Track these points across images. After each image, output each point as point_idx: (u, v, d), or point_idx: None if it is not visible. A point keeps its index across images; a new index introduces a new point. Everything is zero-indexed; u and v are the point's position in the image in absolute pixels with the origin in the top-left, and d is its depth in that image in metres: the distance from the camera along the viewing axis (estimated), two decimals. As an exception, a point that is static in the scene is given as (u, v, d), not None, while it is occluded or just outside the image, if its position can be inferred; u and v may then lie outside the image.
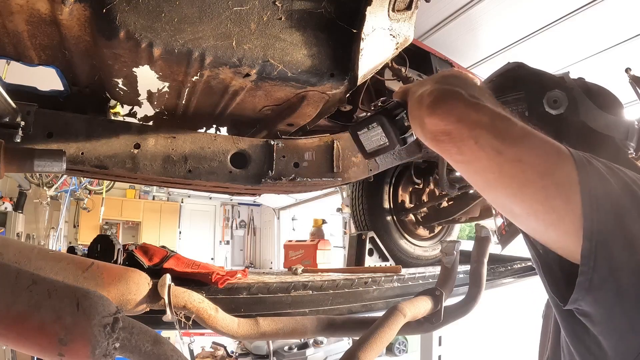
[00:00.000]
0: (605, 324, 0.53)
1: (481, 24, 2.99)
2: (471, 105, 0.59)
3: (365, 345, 1.02)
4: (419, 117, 0.65)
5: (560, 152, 0.54)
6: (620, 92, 0.90)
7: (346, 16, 1.16)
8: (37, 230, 7.29)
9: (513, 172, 0.54)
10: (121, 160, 1.25)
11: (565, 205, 0.51)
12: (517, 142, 0.55)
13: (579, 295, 0.53)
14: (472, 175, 0.61)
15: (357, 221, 2.40)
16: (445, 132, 0.59)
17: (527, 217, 0.56)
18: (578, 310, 0.56)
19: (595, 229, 0.50)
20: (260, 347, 4.77)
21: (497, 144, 0.55)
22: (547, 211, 0.53)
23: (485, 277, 1.51)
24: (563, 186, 0.52)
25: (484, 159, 0.56)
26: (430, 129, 0.62)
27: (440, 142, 0.61)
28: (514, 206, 0.57)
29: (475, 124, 0.57)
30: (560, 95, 0.81)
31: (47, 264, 0.82)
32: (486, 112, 0.58)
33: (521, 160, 0.54)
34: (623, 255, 0.49)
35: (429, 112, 0.62)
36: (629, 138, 0.80)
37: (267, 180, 1.40)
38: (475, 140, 0.56)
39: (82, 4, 0.91)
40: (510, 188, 0.55)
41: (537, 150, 0.54)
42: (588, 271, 0.50)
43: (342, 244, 7.11)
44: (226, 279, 1.19)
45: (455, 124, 0.58)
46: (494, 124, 0.56)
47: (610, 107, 0.82)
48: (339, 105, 1.35)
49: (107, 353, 0.54)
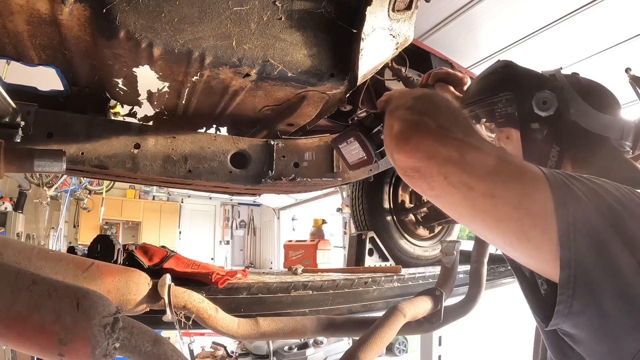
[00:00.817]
0: (588, 345, 0.53)
1: (481, 24, 2.99)
2: (439, 140, 0.57)
3: (365, 345, 1.02)
4: (389, 149, 0.64)
5: (534, 181, 0.52)
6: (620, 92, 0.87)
7: (346, 16, 1.16)
8: (37, 230, 7.29)
9: (485, 207, 0.53)
10: (121, 160, 1.25)
11: (542, 235, 0.50)
12: (489, 176, 0.53)
13: (559, 321, 0.53)
14: (446, 208, 0.60)
15: (357, 221, 2.40)
16: (414, 169, 0.58)
17: (505, 247, 0.55)
18: (560, 330, 0.56)
19: (573, 257, 0.49)
20: (260, 347, 4.77)
21: (468, 179, 0.53)
22: (523, 243, 0.52)
23: (485, 277, 1.51)
24: (538, 217, 0.50)
25: (455, 194, 0.55)
26: (399, 165, 0.61)
27: (411, 178, 0.60)
28: (491, 237, 0.56)
29: (444, 160, 0.55)
30: (549, 96, 0.78)
31: (47, 264, 0.82)
32: (456, 145, 0.56)
33: (493, 194, 0.52)
34: (604, 280, 0.49)
35: (397, 148, 0.60)
36: (624, 137, 0.76)
37: (267, 180, 1.40)
38: (444, 177, 0.55)
39: (82, 4, 0.91)
40: (484, 221, 0.55)
41: (510, 182, 0.53)
42: (567, 299, 0.50)
43: (342, 244, 7.10)
44: (226, 279, 1.19)
45: (424, 160, 0.57)
46: (463, 158, 0.54)
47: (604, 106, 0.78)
48: (339, 105, 1.35)
49: (107, 353, 0.54)
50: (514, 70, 0.85)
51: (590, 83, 0.82)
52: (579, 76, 0.83)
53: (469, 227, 0.60)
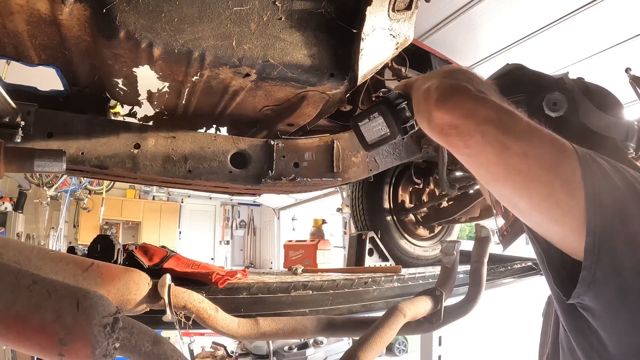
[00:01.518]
0: (606, 319, 0.54)
1: (481, 24, 2.99)
2: (478, 100, 0.60)
3: (365, 345, 1.02)
4: (427, 110, 0.66)
5: (565, 148, 0.55)
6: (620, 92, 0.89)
7: (346, 16, 1.16)
8: (37, 230, 7.29)
9: (519, 167, 0.55)
10: (121, 160, 1.25)
11: (569, 200, 0.52)
12: (523, 137, 0.56)
13: (582, 290, 0.54)
14: (479, 168, 0.62)
15: (357, 221, 2.40)
16: (453, 126, 0.60)
17: (531, 211, 0.57)
18: (580, 304, 0.56)
19: (598, 224, 0.50)
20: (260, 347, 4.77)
21: (504, 138, 0.56)
22: (551, 206, 0.54)
23: (485, 277, 1.51)
24: (567, 182, 0.52)
25: (491, 153, 0.57)
26: (437, 122, 0.63)
27: (447, 136, 0.62)
28: (519, 200, 0.57)
29: (483, 119, 0.58)
30: (559, 98, 0.81)
31: (47, 264, 0.82)
32: (493, 107, 0.59)
33: (527, 154, 0.54)
34: (626, 252, 0.50)
35: (436, 106, 0.62)
36: (628, 139, 0.79)
37: (267, 180, 1.40)
38: (482, 135, 0.57)
39: (82, 4, 0.91)
40: (515, 182, 0.56)
41: (542, 146, 0.55)
42: (591, 266, 0.51)
43: (342, 244, 7.11)
44: (226, 279, 1.19)
45: (463, 118, 0.59)
46: (500, 119, 0.57)
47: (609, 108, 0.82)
48: (339, 105, 1.35)
49: (107, 353, 0.54)
50: (524, 72, 0.89)
51: (596, 87, 0.86)
52: (585, 80, 0.87)
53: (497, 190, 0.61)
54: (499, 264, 2.18)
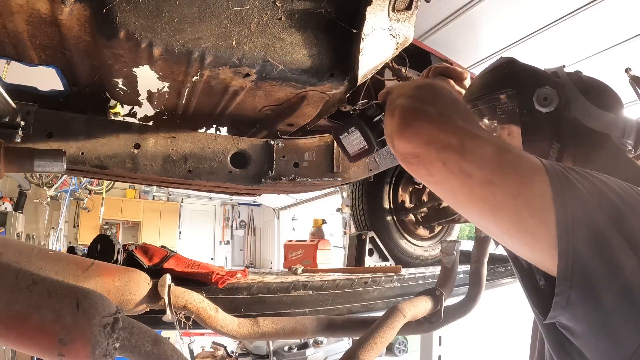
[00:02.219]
0: (586, 338, 0.53)
1: (481, 24, 2.99)
2: (439, 126, 0.57)
3: (365, 345, 1.02)
4: (389, 136, 0.64)
5: (534, 170, 0.52)
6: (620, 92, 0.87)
7: (346, 16, 1.16)
8: (37, 230, 7.29)
9: (483, 195, 0.53)
10: (121, 160, 1.25)
11: (539, 225, 0.50)
12: (487, 164, 0.53)
13: (557, 313, 0.53)
14: (444, 195, 0.60)
15: (357, 221, 2.40)
16: (414, 155, 0.58)
17: (502, 236, 0.55)
18: (559, 323, 0.56)
19: (570, 248, 0.48)
20: (260, 347, 4.77)
21: (466, 166, 0.53)
22: (520, 232, 0.52)
23: (485, 277, 1.51)
24: (536, 206, 0.50)
25: (454, 181, 0.55)
26: (399, 150, 0.61)
27: (409, 164, 0.60)
28: (488, 225, 0.56)
29: (444, 147, 0.55)
30: (550, 92, 0.77)
31: (47, 264, 0.82)
32: (455, 132, 0.56)
33: (491, 182, 0.52)
34: (602, 272, 0.48)
35: (397, 134, 0.60)
36: (626, 135, 0.76)
37: (267, 180, 1.40)
38: (443, 163, 0.55)
39: (82, 4, 0.91)
40: (482, 209, 0.54)
41: (508, 170, 0.53)
42: (565, 291, 0.50)
43: (342, 244, 7.11)
44: (226, 279, 1.19)
45: (423, 146, 0.57)
46: (462, 145, 0.54)
47: (607, 104, 0.78)
48: (339, 105, 1.35)
49: (107, 353, 0.54)
50: (516, 66, 0.85)
51: (593, 81, 0.82)
52: (581, 74, 0.83)
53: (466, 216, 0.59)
54: (499, 264, 2.18)
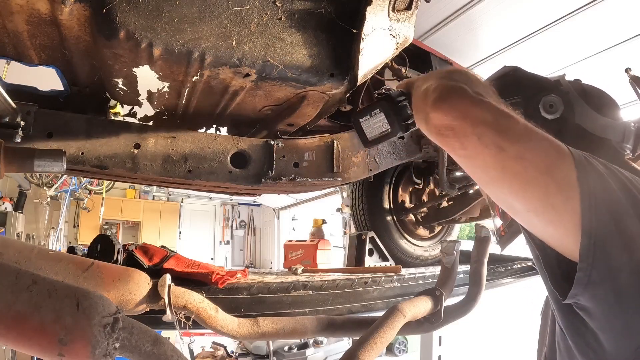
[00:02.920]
0: (603, 319, 0.54)
1: (481, 24, 2.99)
2: (475, 102, 0.60)
3: (365, 345, 1.02)
4: (424, 111, 0.66)
5: (560, 151, 0.55)
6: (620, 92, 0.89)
7: (346, 16, 1.16)
8: (37, 230, 7.29)
9: (515, 169, 0.55)
10: (121, 160, 1.25)
11: (565, 203, 0.52)
12: (520, 140, 0.56)
13: (578, 291, 0.54)
14: (475, 170, 0.62)
15: (357, 221, 2.40)
16: (450, 127, 0.60)
17: (527, 213, 0.57)
18: (577, 304, 0.57)
19: (593, 226, 0.50)
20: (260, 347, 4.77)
21: (500, 141, 0.56)
22: (547, 209, 0.54)
23: (485, 277, 1.51)
24: (563, 184, 0.53)
25: (487, 155, 0.57)
26: (434, 123, 0.63)
27: (444, 137, 0.62)
28: (515, 202, 0.58)
29: (479, 121, 0.58)
30: (556, 100, 0.81)
31: (47, 264, 0.82)
32: (490, 109, 0.59)
33: (523, 157, 0.54)
34: (621, 253, 0.50)
35: (434, 107, 0.63)
36: (625, 140, 0.80)
37: (267, 180, 1.40)
38: (478, 137, 0.57)
39: (82, 4, 0.91)
40: (511, 184, 0.56)
41: (538, 148, 0.55)
42: (587, 267, 0.51)
43: (342, 244, 7.11)
44: (226, 279, 1.19)
45: (459, 119, 0.59)
46: (497, 121, 0.57)
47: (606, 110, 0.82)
48: (339, 105, 1.35)
49: (107, 353, 0.54)
50: (521, 75, 0.89)
51: (592, 88, 0.86)
52: (581, 82, 0.87)
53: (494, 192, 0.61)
54: (499, 264, 2.18)
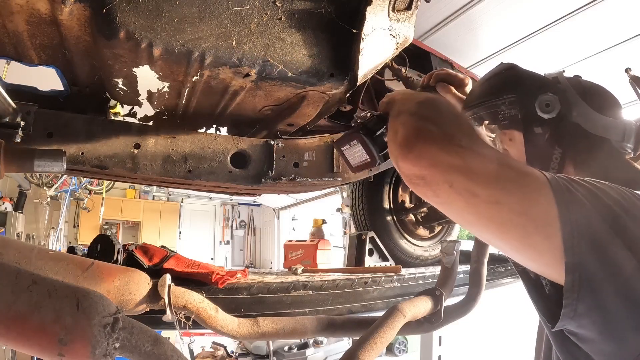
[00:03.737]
0: (593, 342, 0.54)
1: (481, 24, 2.99)
2: (443, 147, 0.57)
3: (365, 345, 1.02)
4: (394, 156, 0.64)
5: (538, 185, 0.53)
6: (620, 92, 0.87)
7: (346, 16, 1.16)
8: (37, 230, 7.29)
9: (490, 214, 0.54)
10: (121, 160, 1.25)
11: (545, 241, 0.51)
12: (493, 183, 0.54)
13: (565, 322, 0.54)
14: (451, 215, 0.60)
15: (357, 221, 2.40)
16: (419, 177, 0.59)
17: (510, 251, 0.57)
18: (567, 330, 0.57)
19: (577, 261, 0.50)
20: (260, 347, 4.77)
21: (472, 186, 0.54)
22: (526, 248, 0.53)
23: (485, 277, 1.51)
24: (542, 223, 0.51)
25: (460, 202, 0.56)
26: (404, 172, 0.61)
27: (415, 185, 0.61)
28: (495, 242, 0.57)
29: (449, 168, 0.56)
30: (552, 99, 0.78)
31: (47, 264, 0.82)
32: (460, 153, 0.56)
33: (498, 202, 0.53)
34: (606, 282, 0.50)
35: (401, 156, 0.61)
36: (625, 139, 0.76)
37: (267, 180, 1.40)
38: (449, 185, 0.55)
39: (82, 4, 0.91)
40: (488, 227, 0.56)
41: (513, 189, 0.53)
42: (572, 303, 0.51)
43: (342, 244, 7.11)
44: (226, 279, 1.19)
45: (429, 168, 0.57)
46: (467, 165, 0.55)
47: (606, 108, 0.79)
48: (339, 105, 1.35)
49: (107, 353, 0.54)
50: (517, 72, 0.86)
51: (592, 85, 0.83)
52: (581, 79, 0.84)
53: (473, 233, 0.61)
54: (499, 264, 2.18)
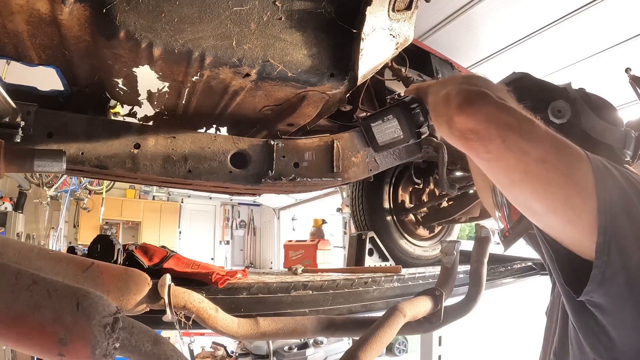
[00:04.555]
0: (615, 314, 0.57)
1: (481, 24, 2.99)
2: (500, 107, 0.62)
3: (365, 345, 1.02)
4: (447, 115, 0.68)
5: (579, 155, 0.58)
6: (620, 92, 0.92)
7: (346, 16, 1.16)
8: (37, 230, 7.30)
9: (538, 172, 0.58)
10: (121, 160, 1.25)
11: (583, 203, 0.55)
12: (542, 144, 0.59)
13: (592, 287, 0.56)
14: (498, 173, 0.64)
15: (357, 221, 2.40)
16: (474, 131, 0.62)
17: (546, 214, 0.60)
18: (589, 301, 0.59)
19: (609, 225, 0.54)
20: (260, 347, 4.78)
21: (524, 144, 0.58)
22: (567, 209, 0.57)
23: (485, 277, 1.51)
24: (581, 186, 0.56)
25: (511, 158, 0.59)
26: (459, 127, 0.65)
27: (468, 140, 0.64)
28: (536, 203, 0.60)
29: (504, 125, 0.60)
30: (564, 106, 0.85)
31: (47, 264, 0.82)
32: (514, 113, 0.61)
33: (545, 160, 0.57)
34: (633, 249, 0.53)
35: (458, 111, 0.65)
36: (626, 146, 0.85)
37: (267, 180, 1.40)
38: (502, 140, 0.59)
39: (82, 4, 0.91)
40: (533, 186, 0.59)
41: (559, 153, 0.59)
42: (601, 264, 0.54)
43: (342, 244, 7.11)
44: (226, 279, 1.19)
45: (484, 123, 0.61)
46: (520, 125, 0.60)
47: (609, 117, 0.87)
48: (339, 105, 1.35)
49: (107, 353, 0.54)
50: (530, 80, 0.94)
51: (596, 97, 0.91)
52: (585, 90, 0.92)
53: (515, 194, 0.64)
54: (499, 264, 2.18)
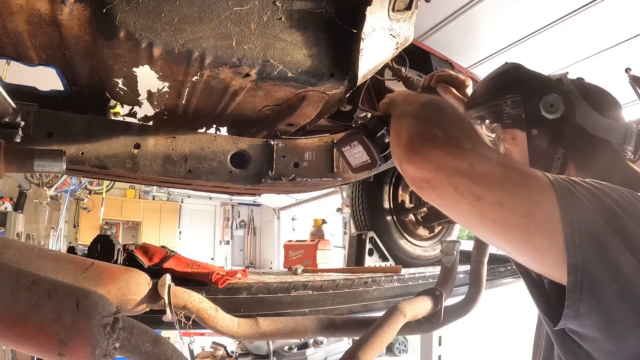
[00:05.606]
0: (594, 343, 0.55)
1: (481, 24, 2.99)
2: (448, 151, 0.58)
3: (365, 345, 1.02)
4: (397, 158, 0.65)
5: (541, 187, 0.54)
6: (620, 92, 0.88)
7: (346, 16, 1.16)
8: (37, 230, 7.29)
9: (494, 216, 0.54)
10: (121, 160, 1.25)
11: (547, 242, 0.52)
12: (497, 186, 0.54)
13: (567, 322, 0.55)
14: (456, 217, 0.61)
15: (357, 221, 2.40)
16: (424, 180, 0.59)
17: (512, 253, 0.57)
18: (568, 328, 0.57)
19: (579, 262, 0.50)
20: (260, 347, 4.78)
21: (477, 189, 0.55)
22: (529, 249, 0.54)
23: (485, 277, 1.51)
24: (545, 225, 0.52)
25: (464, 205, 0.56)
26: (409, 175, 0.62)
27: (420, 188, 0.61)
28: (499, 244, 0.58)
29: (453, 172, 0.56)
30: (556, 100, 0.79)
31: (47, 264, 0.82)
32: (464, 156, 0.57)
33: (502, 204, 0.53)
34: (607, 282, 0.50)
35: (406, 160, 0.61)
36: (626, 142, 0.78)
37: (267, 180, 1.40)
38: (454, 188, 0.56)
39: (82, 4, 0.91)
40: (491, 230, 0.56)
41: (517, 191, 0.54)
42: (574, 303, 0.52)
43: (342, 244, 7.12)
44: (226, 279, 1.19)
45: (433, 172, 0.58)
46: (472, 169, 0.56)
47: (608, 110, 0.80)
48: (339, 105, 1.35)
49: (107, 353, 0.54)
50: (521, 72, 0.86)
51: (595, 88, 0.84)
52: (584, 81, 0.85)
53: (477, 235, 0.61)
54: (499, 264, 2.18)
